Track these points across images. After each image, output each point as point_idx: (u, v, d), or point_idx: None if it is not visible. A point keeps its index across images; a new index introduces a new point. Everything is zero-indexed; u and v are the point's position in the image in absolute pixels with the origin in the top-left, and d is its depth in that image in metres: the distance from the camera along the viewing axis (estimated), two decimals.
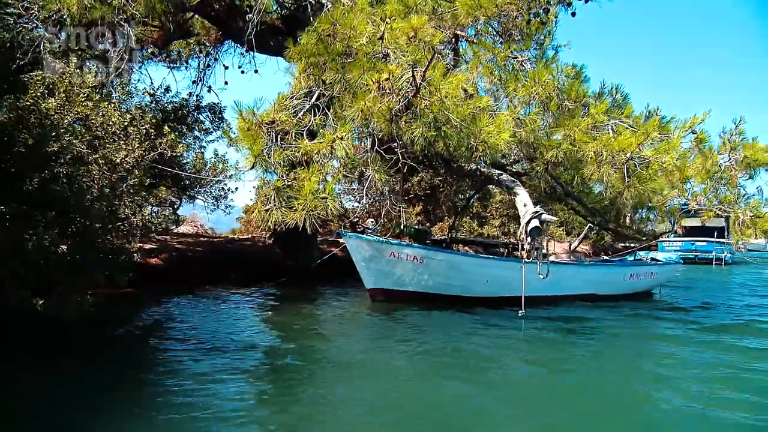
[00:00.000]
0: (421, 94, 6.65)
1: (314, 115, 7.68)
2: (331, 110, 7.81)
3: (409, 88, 6.62)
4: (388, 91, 6.49)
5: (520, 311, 7.22)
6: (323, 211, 6.30)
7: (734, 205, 10.10)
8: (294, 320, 8.83)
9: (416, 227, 14.78)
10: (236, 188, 18.97)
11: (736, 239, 10.23)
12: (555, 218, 7.08)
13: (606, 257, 22.14)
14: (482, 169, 8.30)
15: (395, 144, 7.90)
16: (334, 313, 9.81)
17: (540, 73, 7.85)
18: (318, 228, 6.27)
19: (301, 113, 7.66)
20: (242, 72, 12.50)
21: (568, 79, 8.08)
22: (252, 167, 6.73)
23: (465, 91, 7.43)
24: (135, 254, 8.76)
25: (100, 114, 8.02)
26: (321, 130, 7.43)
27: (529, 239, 6.51)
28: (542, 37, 10.70)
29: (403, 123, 6.90)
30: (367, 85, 6.46)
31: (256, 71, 12.68)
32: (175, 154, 12.57)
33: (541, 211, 6.42)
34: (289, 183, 6.75)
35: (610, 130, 7.85)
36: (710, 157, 7.99)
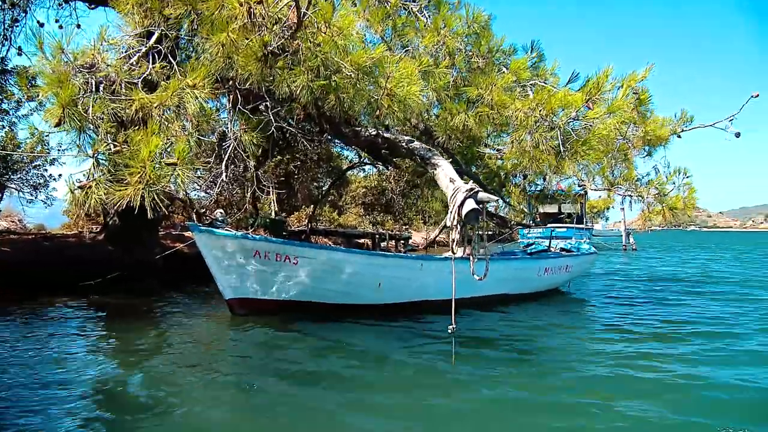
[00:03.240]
0: (305, 28, 5.24)
1: (153, 63, 5.96)
2: (179, 57, 6.16)
3: (290, 20, 5.18)
4: (261, 20, 5.01)
5: (449, 326, 5.85)
6: (170, 184, 4.66)
7: (636, 183, 9.88)
8: (127, 347, 7.13)
9: (272, 218, 13.46)
10: (59, 175, 16.39)
11: (644, 221, 9.96)
12: (496, 198, 5.93)
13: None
14: (385, 135, 6.98)
15: (264, 104, 6.41)
16: (180, 336, 7.96)
17: (447, 19, 6.80)
18: (164, 209, 4.61)
19: (135, 58, 5.92)
20: (60, 27, 10.55)
21: (478, 25, 7.09)
22: (58, 124, 4.90)
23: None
24: None
25: None
26: (164, 83, 5.74)
27: (459, 228, 5.26)
28: None
29: (281, 70, 5.45)
30: (231, 9, 4.91)
31: (78, 26, 10.77)
32: None
33: (476, 188, 5.21)
34: (118, 148, 4.99)
35: (530, 92, 6.96)
36: (653, 122, 7.41)
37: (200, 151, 6.30)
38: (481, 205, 5.16)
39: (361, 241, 23.28)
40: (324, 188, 21.46)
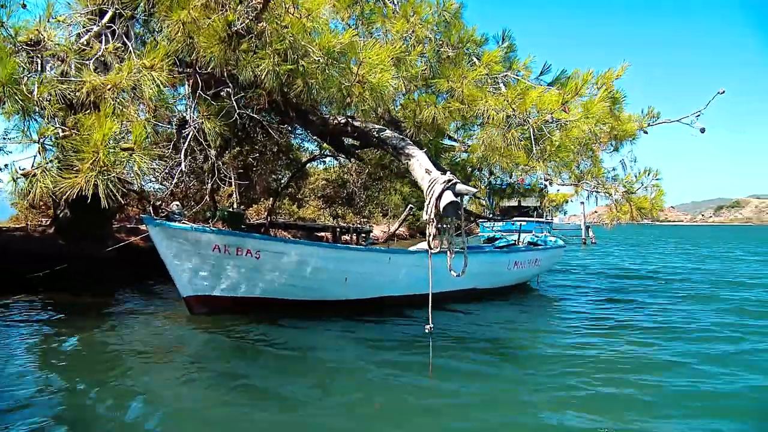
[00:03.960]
0: (272, 9, 4.98)
1: (107, 43, 5.60)
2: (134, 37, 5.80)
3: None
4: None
5: (426, 326, 5.55)
6: (126, 171, 4.35)
7: (603, 180, 9.87)
8: (73, 349, 6.66)
9: (230, 210, 13.07)
10: (5, 165, 15.50)
11: (611, 219, 9.93)
12: (474, 190, 5.70)
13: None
14: (355, 124, 6.73)
15: (226, 90, 6.09)
16: (136, 336, 7.45)
17: (417, 6, 6.60)
18: (119, 198, 4.28)
19: (86, 37, 5.55)
20: (2, 6, 9.75)
21: (449, 14, 6.91)
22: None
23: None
24: None
25: None
26: (118, 65, 5.39)
27: (435, 221, 5.04)
28: None
29: (245, 53, 5.17)
30: None
31: (24, 6, 10.06)
32: None
33: (454, 180, 4.99)
34: (67, 133, 4.64)
35: (502, 86, 6.82)
36: (626, 122, 7.35)
37: (157, 139, 5.94)
38: (459, 198, 4.98)
39: (322, 234, 22.99)
40: (283, 181, 21.06)
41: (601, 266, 20.80)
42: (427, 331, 5.57)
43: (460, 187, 5.05)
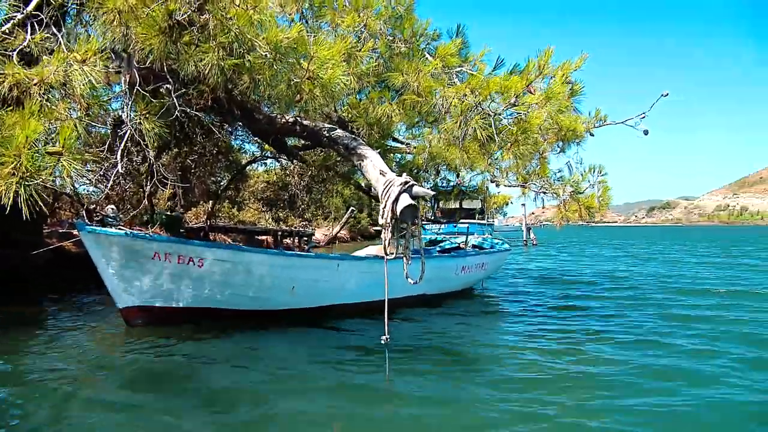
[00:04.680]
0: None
1: (33, 33, 5.13)
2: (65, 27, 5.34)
3: None
4: None
5: (382, 336, 5.27)
6: (52, 177, 3.94)
7: (551, 180, 9.88)
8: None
9: (168, 214, 12.58)
10: None
11: (560, 219, 9.92)
12: (432, 192, 5.47)
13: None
14: (304, 122, 6.42)
15: (166, 86, 5.69)
16: (64, 353, 6.87)
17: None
18: (42, 207, 3.87)
19: (9, 25, 5.07)
20: None
21: (402, 7, 6.70)
22: None
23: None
24: None
25: None
26: (46, 57, 4.94)
27: (391, 225, 4.79)
28: None
29: (187, 46, 4.81)
30: None
31: None
32: None
33: (411, 182, 4.76)
34: None
35: (457, 80, 6.66)
36: (575, 123, 7.30)
37: (90, 140, 5.49)
38: (416, 200, 4.77)
39: (263, 237, 22.57)
40: (223, 183, 20.54)
41: (546, 269, 21.02)
42: (382, 342, 5.28)
43: (417, 189, 4.83)
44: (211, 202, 17.87)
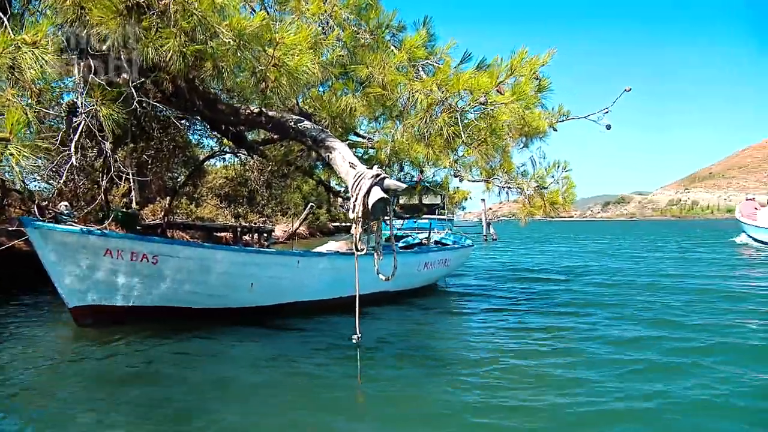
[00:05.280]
0: None
1: None
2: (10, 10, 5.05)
3: None
4: None
5: (354, 336, 5.11)
6: (1, 167, 3.71)
7: (515, 176, 9.89)
8: None
9: (124, 210, 12.25)
10: None
11: (525, 214, 9.96)
12: (404, 185, 5.34)
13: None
14: (270, 113, 6.23)
15: (123, 74, 5.46)
16: (14, 353, 6.66)
17: None
18: None
19: None
20: None
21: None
22: None
23: None
24: None
25: None
26: None
27: (361, 219, 4.65)
28: None
29: (147, 31, 4.60)
30: None
31: None
32: None
33: (383, 174, 4.63)
34: None
35: (423, 74, 6.58)
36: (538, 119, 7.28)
37: (42, 129, 5.20)
38: (388, 194, 4.66)
39: (222, 234, 22.20)
40: (180, 179, 20.08)
41: (507, 264, 21.21)
42: (354, 341, 5.13)
43: (388, 182, 4.72)
44: (168, 198, 17.45)
